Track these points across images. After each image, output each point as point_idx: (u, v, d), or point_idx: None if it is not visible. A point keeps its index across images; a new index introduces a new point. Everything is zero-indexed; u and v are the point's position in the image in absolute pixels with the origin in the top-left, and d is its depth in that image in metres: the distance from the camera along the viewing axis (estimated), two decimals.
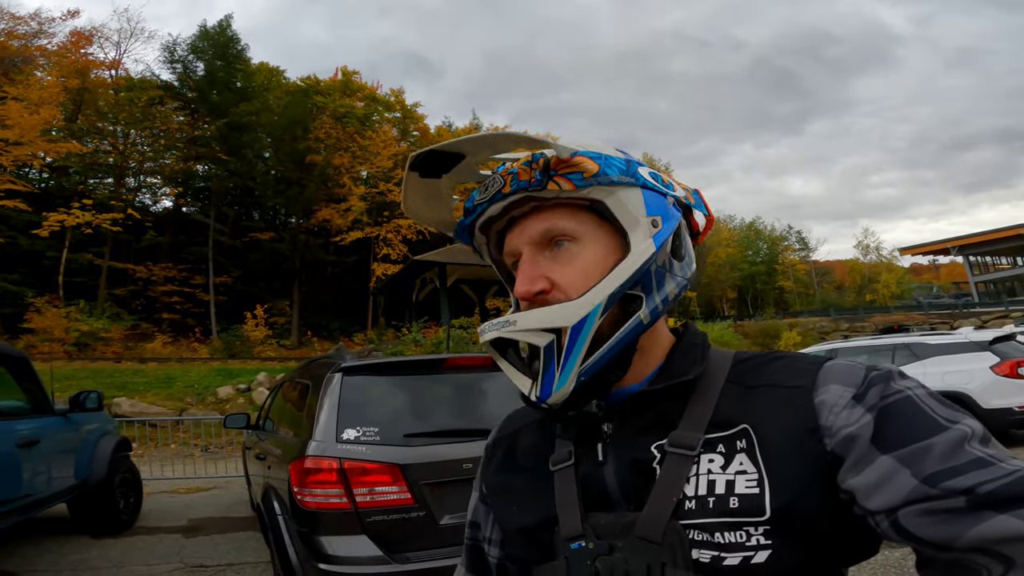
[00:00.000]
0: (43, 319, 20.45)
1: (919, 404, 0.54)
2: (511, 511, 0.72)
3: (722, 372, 0.65)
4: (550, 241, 0.64)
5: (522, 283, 0.63)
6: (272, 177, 32.91)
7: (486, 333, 0.65)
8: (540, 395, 0.61)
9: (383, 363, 3.15)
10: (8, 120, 21.82)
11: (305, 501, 2.57)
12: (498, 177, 0.65)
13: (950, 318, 24.32)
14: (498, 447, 0.80)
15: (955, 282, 52.22)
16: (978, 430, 0.51)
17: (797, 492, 0.54)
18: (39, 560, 4.57)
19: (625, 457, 0.63)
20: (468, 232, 0.71)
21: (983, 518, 0.46)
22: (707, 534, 0.55)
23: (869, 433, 0.53)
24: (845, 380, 0.58)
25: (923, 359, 7.84)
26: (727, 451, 0.58)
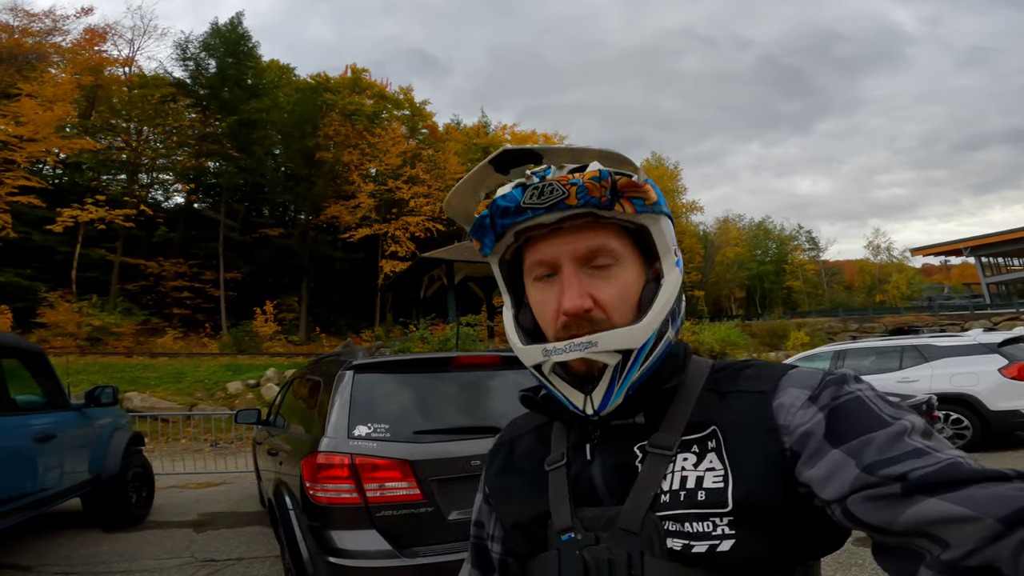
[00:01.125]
0: (56, 314, 20.67)
1: (867, 403, 0.59)
2: (510, 509, 0.77)
3: (700, 380, 0.71)
4: (591, 258, 0.67)
5: (572, 298, 0.64)
6: (282, 174, 33.10)
7: (563, 354, 0.65)
8: (598, 408, 0.65)
9: (393, 361, 3.19)
10: (22, 117, 22.04)
11: (317, 496, 2.62)
12: (556, 185, 0.64)
13: (961, 319, 24.14)
14: (500, 451, 0.85)
15: (967, 283, 51.67)
16: (918, 424, 0.56)
17: (756, 485, 0.59)
18: (52, 554, 4.64)
19: (611, 457, 0.69)
20: (497, 231, 0.70)
21: (915, 502, 0.50)
22: (679, 524, 0.61)
23: (822, 430, 0.58)
24: (802, 384, 0.63)
25: (931, 361, 7.81)
26: (700, 451, 0.64)
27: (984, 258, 42.20)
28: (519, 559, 0.74)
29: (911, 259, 52.46)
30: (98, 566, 4.38)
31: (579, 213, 0.65)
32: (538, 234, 0.68)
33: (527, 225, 0.67)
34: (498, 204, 0.67)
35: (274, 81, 33.30)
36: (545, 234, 0.68)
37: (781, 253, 55.45)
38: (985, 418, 7.18)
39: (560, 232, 0.67)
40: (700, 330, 20.17)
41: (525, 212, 0.66)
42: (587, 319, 0.65)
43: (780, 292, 54.08)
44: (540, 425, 0.81)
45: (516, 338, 0.72)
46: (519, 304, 0.76)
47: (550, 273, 0.68)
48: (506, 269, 0.75)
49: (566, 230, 0.67)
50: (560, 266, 0.67)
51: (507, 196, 0.67)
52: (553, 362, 0.67)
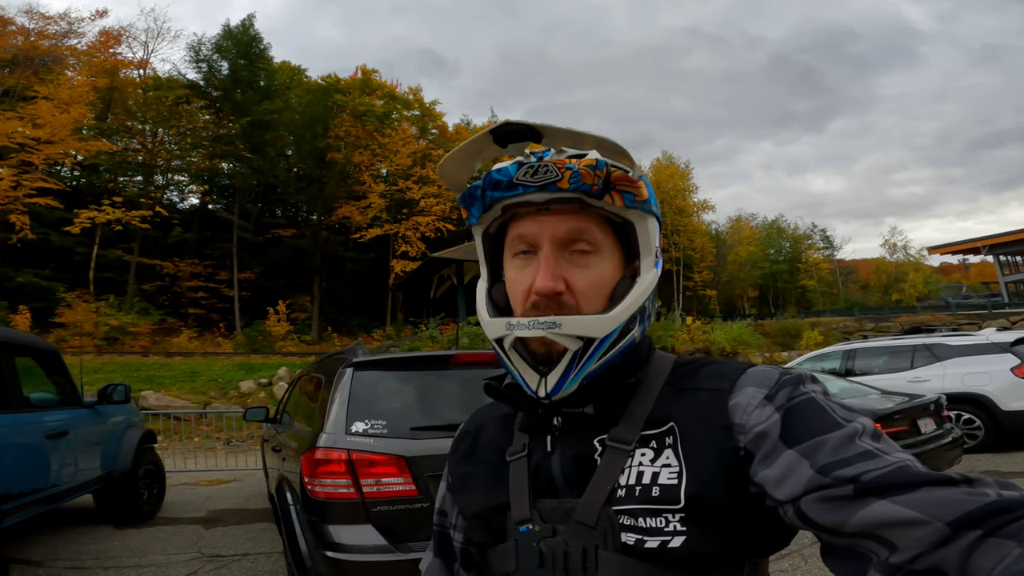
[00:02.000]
0: (74, 313, 21.03)
1: (821, 405, 0.60)
2: (471, 498, 0.77)
3: (662, 375, 0.71)
4: (571, 243, 0.67)
5: (544, 279, 0.65)
6: (294, 175, 33.40)
7: (522, 328, 0.65)
8: (551, 391, 0.65)
9: (392, 359, 3.23)
10: (39, 119, 22.42)
11: (315, 491, 2.67)
12: (551, 166, 0.64)
13: (979, 319, 23.74)
14: (463, 440, 0.85)
15: (985, 282, 50.82)
16: (869, 427, 0.57)
17: (708, 483, 0.60)
18: (63, 549, 4.73)
19: (570, 449, 0.69)
20: (486, 202, 0.69)
21: (866, 504, 0.50)
22: (633, 519, 0.61)
23: (778, 430, 0.58)
24: (759, 383, 0.64)
25: (943, 360, 7.72)
26: (658, 446, 0.64)
27: (1002, 256, 41.47)
28: (479, 548, 0.74)
29: (928, 258, 51.70)
30: (107, 561, 4.46)
31: (568, 197, 0.65)
32: (525, 211, 0.68)
33: (516, 201, 0.67)
34: (492, 176, 0.67)
35: (285, 82, 33.57)
36: (531, 212, 0.68)
37: (795, 252, 54.87)
38: (997, 418, 7.08)
39: (546, 213, 0.67)
40: (711, 329, 20.02)
41: (516, 188, 0.66)
42: (556, 302, 0.65)
43: (794, 291, 53.52)
44: (505, 415, 0.81)
45: (484, 310, 0.72)
46: (495, 279, 0.76)
47: (528, 251, 0.69)
48: (488, 242, 0.75)
49: (552, 211, 0.67)
50: (540, 246, 0.67)
51: (502, 170, 0.67)
52: (515, 337, 0.66)
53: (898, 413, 5.19)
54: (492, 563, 0.70)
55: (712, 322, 21.45)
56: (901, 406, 5.33)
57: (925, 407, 5.44)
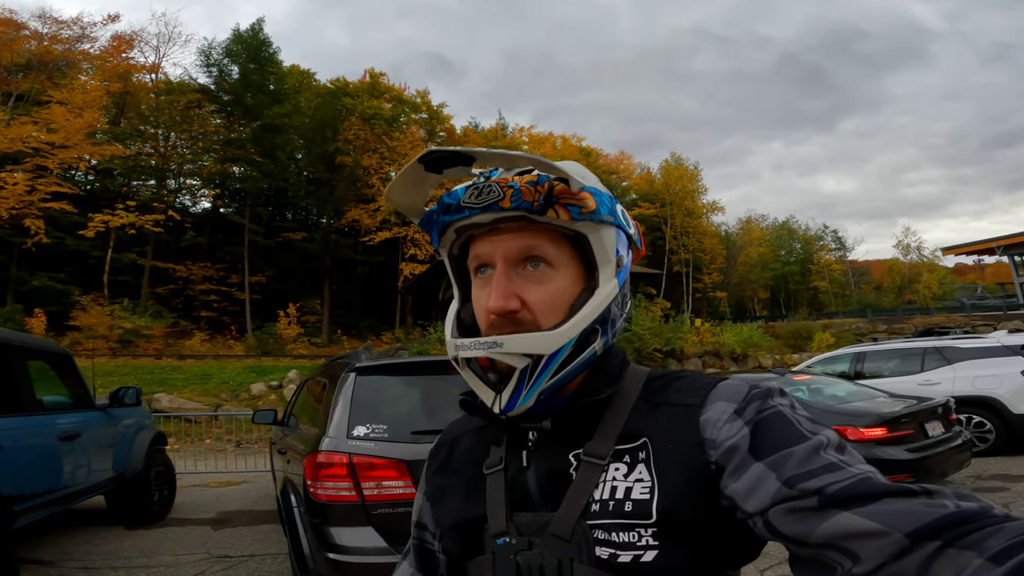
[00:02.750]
0: (88, 317, 21.32)
1: (788, 418, 0.61)
2: (448, 509, 0.77)
3: (635, 389, 0.71)
4: (525, 260, 0.67)
5: (497, 299, 0.65)
6: (304, 178, 33.65)
7: (466, 350, 0.66)
8: (504, 408, 0.66)
9: (395, 364, 3.26)
10: (54, 124, 22.77)
11: (317, 494, 2.71)
12: (494, 186, 0.65)
13: (994, 320, 23.45)
14: (440, 451, 0.86)
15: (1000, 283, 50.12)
16: (833, 439, 0.58)
17: (679, 498, 0.61)
18: (74, 550, 4.80)
19: (545, 463, 0.70)
20: (440, 227, 0.71)
21: (830, 515, 0.51)
22: (607, 533, 0.62)
23: (747, 444, 0.59)
24: (729, 398, 0.65)
25: (953, 363, 7.66)
26: (631, 461, 0.65)
27: (1017, 257, 40.86)
28: (454, 560, 0.75)
29: (942, 258, 51.04)
30: (117, 561, 4.53)
31: (512, 215, 0.66)
32: (478, 232, 0.69)
33: (464, 223, 0.68)
34: (443, 200, 0.68)
35: (295, 86, 33.86)
36: (484, 232, 0.69)
37: (806, 253, 54.43)
38: (1008, 421, 7.01)
39: (496, 232, 0.68)
40: (721, 331, 19.90)
41: (463, 210, 0.67)
42: (512, 319, 0.65)
43: (805, 293, 53.09)
44: (481, 427, 0.81)
45: (449, 330, 0.73)
46: (466, 299, 0.76)
47: (485, 267, 0.69)
48: (455, 263, 0.76)
49: (502, 230, 0.67)
50: (494, 264, 0.68)
51: (451, 193, 0.68)
52: (460, 357, 0.68)
53: (905, 416, 5.15)
54: (469, 575, 0.71)
55: (722, 324, 21.28)
56: (909, 409, 5.28)
57: (933, 410, 5.40)
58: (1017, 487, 5.72)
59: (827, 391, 6.02)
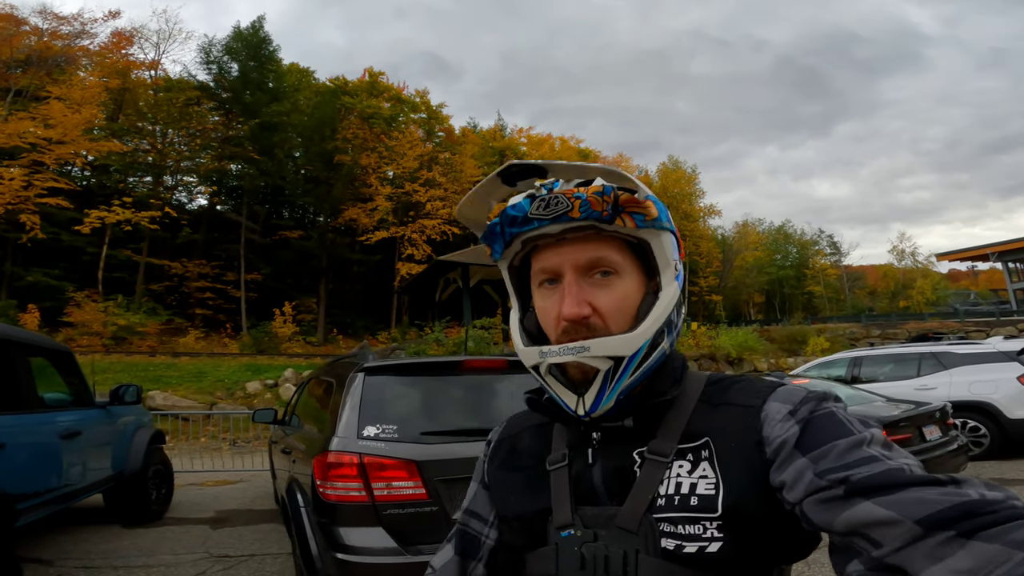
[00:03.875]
0: (82, 313, 21.19)
1: (838, 417, 0.64)
2: (511, 502, 0.81)
3: (696, 392, 0.75)
4: (592, 268, 0.71)
5: (571, 306, 0.68)
6: (301, 176, 33.58)
7: (555, 356, 0.69)
8: (589, 409, 0.70)
9: (403, 364, 3.27)
10: (51, 119, 22.65)
11: (327, 494, 2.71)
12: (561, 198, 0.68)
13: (987, 326, 23.63)
14: (502, 446, 0.89)
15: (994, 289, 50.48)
16: (878, 437, 0.61)
17: (743, 494, 0.64)
18: (73, 549, 4.76)
19: (611, 461, 0.73)
20: (506, 238, 0.73)
21: (852, 505, 0.54)
22: (673, 526, 0.65)
23: (795, 439, 0.63)
24: (785, 400, 0.68)
25: (950, 368, 7.72)
26: (694, 459, 0.69)
27: (1011, 264, 41.20)
28: (514, 551, 0.78)
29: (936, 264, 51.41)
30: (117, 560, 4.50)
31: (581, 225, 0.69)
32: (544, 243, 0.72)
33: (532, 235, 0.71)
34: (508, 213, 0.71)
35: (294, 84, 33.79)
36: (550, 243, 0.71)
37: (802, 258, 54.67)
38: (1003, 426, 7.08)
39: (564, 242, 0.71)
40: (717, 335, 20.00)
41: (531, 222, 0.70)
42: (585, 325, 0.69)
43: (800, 297, 53.35)
44: (540, 424, 0.85)
45: (519, 339, 0.77)
46: (525, 308, 0.80)
47: (553, 280, 0.72)
48: (515, 274, 0.79)
49: (569, 240, 0.70)
50: (562, 274, 0.71)
51: (516, 206, 0.70)
52: (548, 364, 0.71)
53: (904, 420, 5.20)
54: (532, 566, 0.74)
55: (718, 328, 21.38)
56: (907, 413, 5.34)
57: (931, 415, 5.45)
58: (1012, 491, 5.77)
59: None
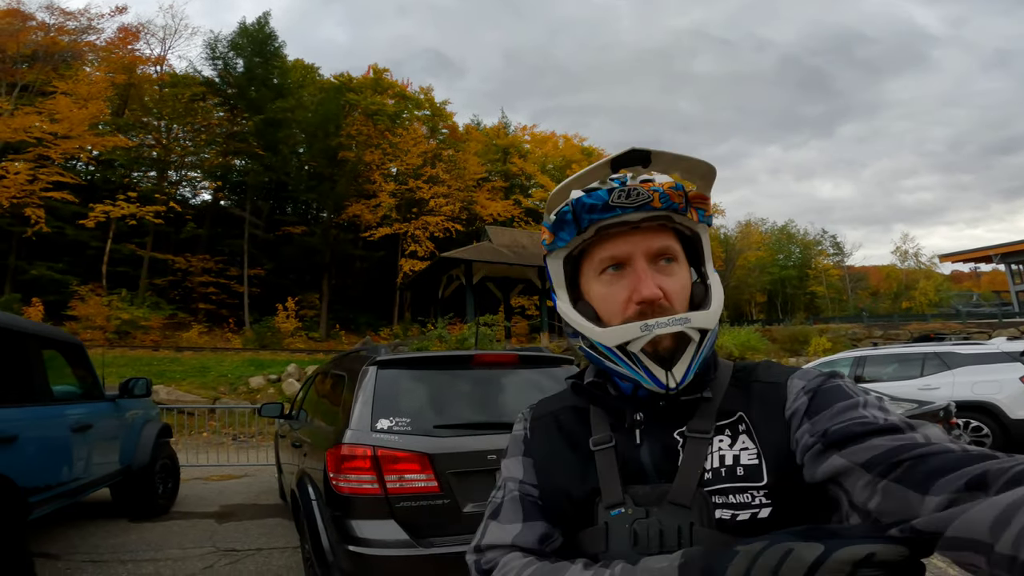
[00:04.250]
0: (86, 307, 21.24)
1: (844, 388, 0.71)
2: (559, 481, 0.81)
3: (726, 376, 0.81)
4: (659, 256, 0.76)
5: (649, 287, 0.73)
6: (305, 172, 33.58)
7: (665, 327, 0.72)
8: (680, 381, 0.73)
9: (415, 358, 3.28)
10: (57, 114, 22.71)
11: (339, 486, 2.72)
12: (641, 190, 0.73)
13: (989, 328, 23.58)
14: (542, 421, 0.89)
15: (996, 291, 50.35)
16: (872, 400, 0.67)
17: (782, 461, 0.70)
18: (81, 543, 4.77)
19: (657, 441, 0.77)
20: (582, 224, 0.76)
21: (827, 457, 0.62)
22: (724, 497, 0.69)
23: (804, 408, 0.70)
24: (804, 377, 0.76)
25: (953, 368, 7.73)
26: (732, 434, 0.74)
27: (1014, 265, 41.10)
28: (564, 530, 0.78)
29: (939, 265, 51.30)
30: (125, 555, 4.51)
31: (657, 215, 0.75)
32: (614, 231, 0.76)
33: (612, 221, 0.75)
34: (584, 201, 0.75)
35: (299, 81, 33.81)
36: (622, 232, 0.76)
37: (805, 258, 54.58)
38: (1006, 426, 7.09)
39: (636, 231, 0.76)
40: (719, 334, 19.95)
41: (613, 209, 0.74)
42: (658, 307, 0.74)
43: (803, 297, 53.28)
44: (575, 407, 0.86)
45: (588, 323, 0.77)
46: (574, 299, 0.82)
47: (618, 265, 0.76)
48: (570, 264, 0.82)
49: (641, 230, 0.76)
50: (633, 260, 0.76)
51: (594, 195, 0.74)
52: (652, 336, 0.72)
53: None
54: (583, 545, 0.75)
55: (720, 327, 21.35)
56: (910, 413, 5.36)
57: (935, 414, 5.48)
58: None
59: None
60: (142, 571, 4.16)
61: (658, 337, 0.73)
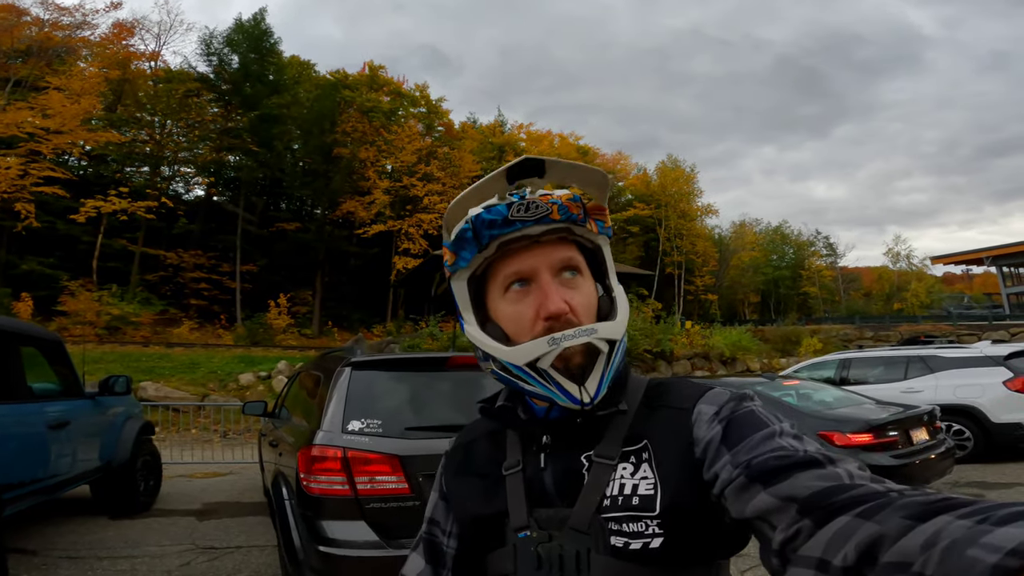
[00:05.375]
0: (76, 302, 21.09)
1: (757, 414, 0.69)
2: (468, 506, 0.83)
3: (637, 396, 0.79)
4: (563, 269, 0.75)
5: (556, 302, 0.71)
6: (300, 169, 33.51)
7: (572, 339, 0.70)
8: (593, 396, 0.72)
9: (390, 359, 3.29)
10: (50, 109, 22.55)
11: (310, 487, 2.73)
12: (539, 202, 0.72)
13: (979, 330, 23.75)
14: (456, 454, 0.91)
15: (988, 293, 50.72)
16: (787, 429, 0.66)
17: (678, 493, 0.69)
18: (59, 540, 4.75)
19: (561, 464, 0.76)
20: (483, 241, 0.74)
21: (755, 493, 0.59)
22: (619, 525, 0.69)
23: (719, 438, 0.68)
24: (712, 402, 0.74)
25: (936, 372, 7.79)
26: (636, 461, 0.73)
27: (1005, 268, 41.41)
28: (474, 553, 0.81)
29: (931, 267, 51.64)
30: (102, 551, 4.49)
31: (558, 228, 0.74)
32: (516, 247, 0.74)
33: (513, 236, 0.73)
34: (483, 217, 0.72)
35: (294, 77, 33.66)
36: (524, 247, 0.74)
37: (798, 258, 54.78)
38: (988, 430, 7.14)
39: (538, 245, 0.74)
40: (711, 334, 20.04)
41: (514, 224, 0.72)
42: (565, 321, 0.72)
43: (796, 298, 53.49)
44: (492, 431, 0.87)
45: (496, 343, 0.75)
46: (483, 319, 0.79)
47: (523, 281, 0.74)
48: (473, 285, 0.79)
49: (543, 243, 0.74)
50: (538, 275, 0.74)
51: (492, 210, 0.72)
52: (561, 350, 0.71)
53: (892, 423, 5.26)
54: (492, 567, 0.77)
55: (712, 327, 21.44)
56: (895, 416, 5.39)
57: (919, 418, 5.51)
58: (992, 494, 5.84)
59: (815, 397, 6.11)
60: (118, 568, 4.15)
61: (568, 352, 0.71)
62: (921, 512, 0.45)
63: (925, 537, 0.42)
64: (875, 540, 0.46)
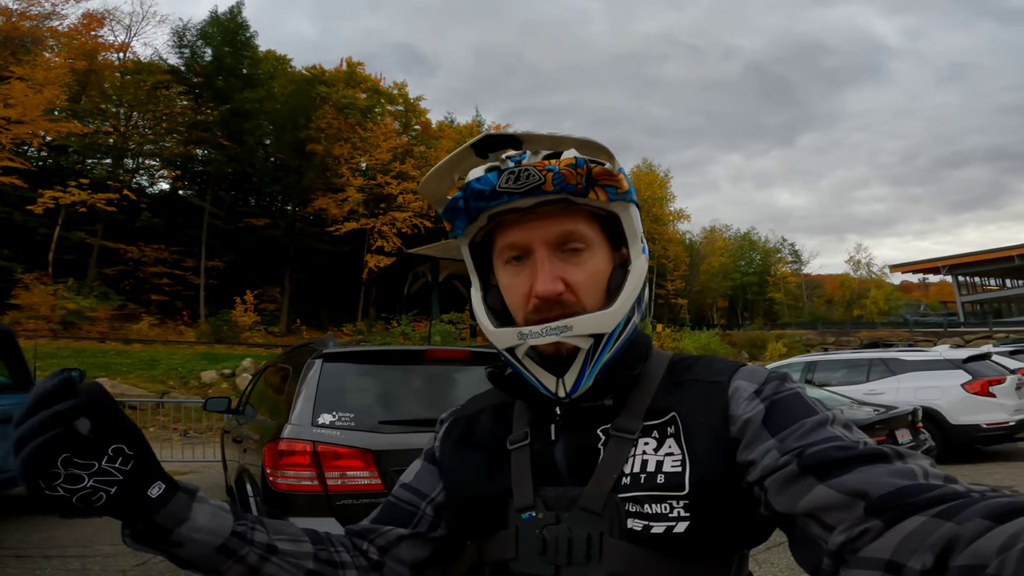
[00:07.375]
0: (30, 295, 20.29)
1: (803, 398, 0.64)
2: (467, 482, 0.76)
3: (660, 370, 0.73)
4: (563, 243, 0.67)
5: (545, 282, 0.65)
6: (271, 164, 32.90)
7: (539, 337, 0.66)
8: (570, 391, 0.67)
9: (363, 351, 3.20)
10: (11, 99, 21.78)
11: (277, 483, 2.63)
12: (532, 170, 0.63)
13: (935, 336, 24.63)
14: (457, 424, 0.84)
15: (943, 301, 52.68)
16: (839, 417, 0.61)
17: (709, 471, 0.62)
18: (7, 538, 4.57)
19: (574, 439, 0.70)
20: (471, 214, 0.69)
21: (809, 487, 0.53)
22: (639, 506, 0.63)
23: (761, 417, 0.62)
24: (750, 379, 0.67)
25: (898, 374, 7.99)
26: (660, 436, 0.66)
27: (961, 277, 43.08)
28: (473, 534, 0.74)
29: (890, 275, 53.41)
30: (52, 550, 4.31)
31: (554, 199, 0.65)
32: (511, 218, 0.68)
33: (501, 209, 0.67)
34: (472, 187, 0.66)
35: (269, 72, 33.12)
36: (518, 218, 0.67)
37: (765, 265, 56.10)
38: (946, 431, 7.35)
39: (533, 216, 0.67)
40: (681, 337, 20.37)
41: (501, 196, 0.65)
42: (558, 302, 0.66)
43: (762, 303, 54.73)
44: (500, 403, 0.81)
45: (487, 320, 0.72)
46: (487, 286, 0.75)
47: (519, 256, 0.69)
48: (476, 251, 0.75)
49: (539, 215, 0.67)
50: (532, 250, 0.67)
51: (482, 179, 0.66)
52: (528, 346, 0.67)
53: (879, 423, 5.42)
54: (491, 550, 0.70)
55: (682, 330, 21.80)
56: (881, 416, 5.55)
57: (903, 418, 5.69)
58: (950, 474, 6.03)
59: None
60: (69, 567, 3.98)
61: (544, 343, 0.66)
62: (1003, 513, 0.42)
63: (1004, 538, 0.39)
64: (950, 541, 0.43)
